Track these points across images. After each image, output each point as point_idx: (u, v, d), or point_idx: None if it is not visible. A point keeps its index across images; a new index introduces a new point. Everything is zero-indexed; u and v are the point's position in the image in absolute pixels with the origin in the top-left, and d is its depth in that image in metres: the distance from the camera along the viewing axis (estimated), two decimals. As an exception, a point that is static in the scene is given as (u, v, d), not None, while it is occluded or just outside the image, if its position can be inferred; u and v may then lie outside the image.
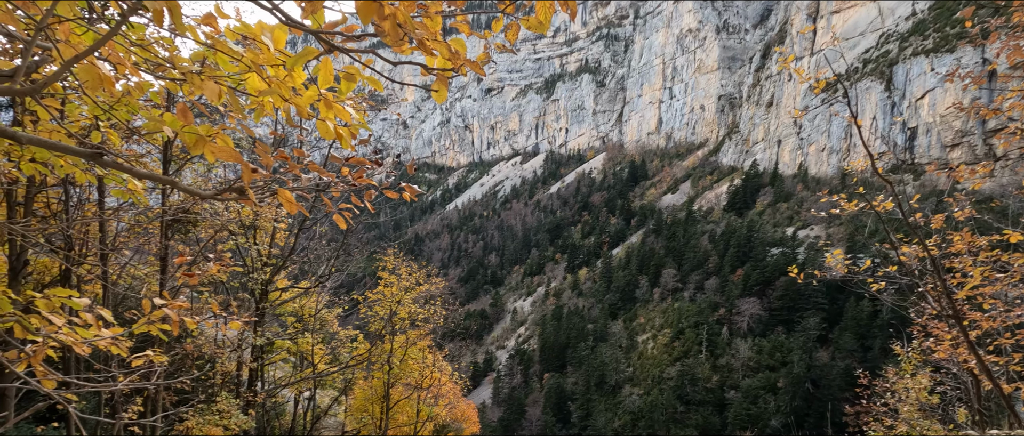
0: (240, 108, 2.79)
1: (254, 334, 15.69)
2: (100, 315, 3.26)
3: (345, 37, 2.16)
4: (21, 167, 3.50)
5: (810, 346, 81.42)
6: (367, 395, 22.72)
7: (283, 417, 24.67)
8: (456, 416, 27.05)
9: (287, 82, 2.29)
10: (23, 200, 11.42)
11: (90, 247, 12.11)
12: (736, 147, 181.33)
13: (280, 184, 3.04)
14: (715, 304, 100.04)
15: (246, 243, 15.26)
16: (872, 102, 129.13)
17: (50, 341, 3.25)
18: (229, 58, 2.36)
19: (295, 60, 2.18)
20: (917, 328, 11.17)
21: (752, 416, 76.35)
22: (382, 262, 21.31)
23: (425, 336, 22.84)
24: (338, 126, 2.50)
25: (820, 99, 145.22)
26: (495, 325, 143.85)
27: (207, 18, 2.32)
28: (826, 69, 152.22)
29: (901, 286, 7.94)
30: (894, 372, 11.93)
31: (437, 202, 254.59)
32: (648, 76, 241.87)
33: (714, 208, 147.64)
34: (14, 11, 2.35)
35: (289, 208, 2.70)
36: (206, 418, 13.01)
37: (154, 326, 3.73)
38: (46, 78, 1.92)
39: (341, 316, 24.72)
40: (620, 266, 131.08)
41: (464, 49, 2.19)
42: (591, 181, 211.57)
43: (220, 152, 2.33)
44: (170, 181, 2.54)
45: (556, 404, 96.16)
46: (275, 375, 22.82)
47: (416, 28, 2.02)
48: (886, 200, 7.12)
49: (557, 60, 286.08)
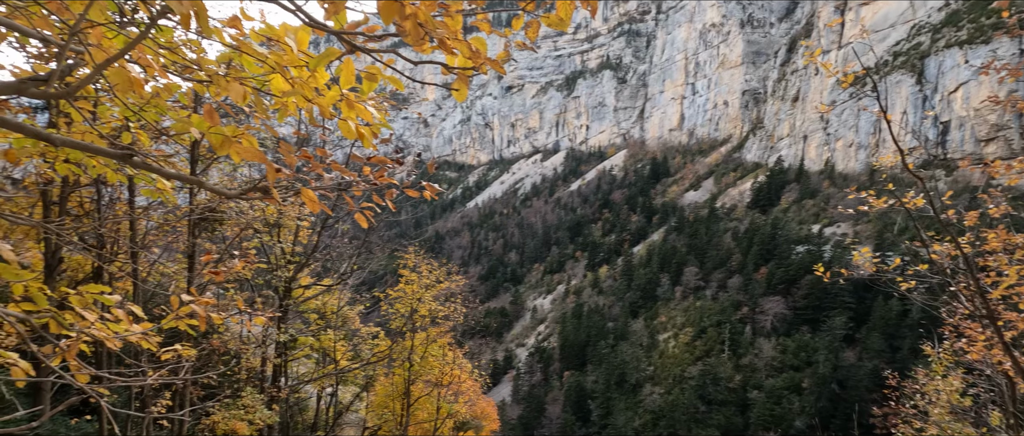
0: (264, 109, 2.83)
1: (278, 330, 15.96)
2: (131, 311, 3.35)
3: (367, 37, 2.18)
4: (56, 168, 3.61)
5: (836, 346, 79.82)
6: (388, 392, 22.95)
7: (306, 412, 25.07)
8: (476, 413, 27.17)
9: (310, 83, 2.32)
10: (58, 200, 11.79)
11: (121, 245, 12.45)
12: (760, 143, 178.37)
13: (303, 183, 3.09)
14: (738, 303, 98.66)
15: (270, 241, 15.53)
16: (903, 96, 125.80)
17: (83, 336, 3.34)
18: (254, 60, 2.39)
19: (318, 61, 2.21)
20: (949, 328, 10.87)
21: (776, 417, 75.16)
22: (403, 260, 21.50)
23: (445, 334, 22.99)
24: (359, 126, 2.53)
25: (848, 93, 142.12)
26: (515, 323, 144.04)
27: (233, 21, 2.36)
28: (854, 63, 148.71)
29: (932, 285, 7.74)
30: (924, 373, 11.62)
31: (457, 200, 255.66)
32: (670, 72, 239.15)
33: (737, 205, 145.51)
34: (48, 16, 2.42)
35: (312, 207, 2.73)
36: (231, 413, 13.28)
37: (182, 322, 3.82)
38: (79, 81, 1.98)
39: (363, 313, 25.01)
40: (641, 264, 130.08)
41: (484, 48, 2.19)
42: (612, 178, 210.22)
43: (245, 152, 2.37)
44: (197, 181, 2.60)
45: (576, 402, 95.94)
46: (298, 371, 23.18)
47: (437, 27, 2.03)
48: (917, 197, 6.93)
49: (578, 57, 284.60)
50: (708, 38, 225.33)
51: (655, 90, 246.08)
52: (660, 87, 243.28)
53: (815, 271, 8.98)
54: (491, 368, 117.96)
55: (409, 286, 21.10)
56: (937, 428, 10.83)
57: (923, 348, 11.83)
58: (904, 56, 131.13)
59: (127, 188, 12.21)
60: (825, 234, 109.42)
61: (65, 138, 2.28)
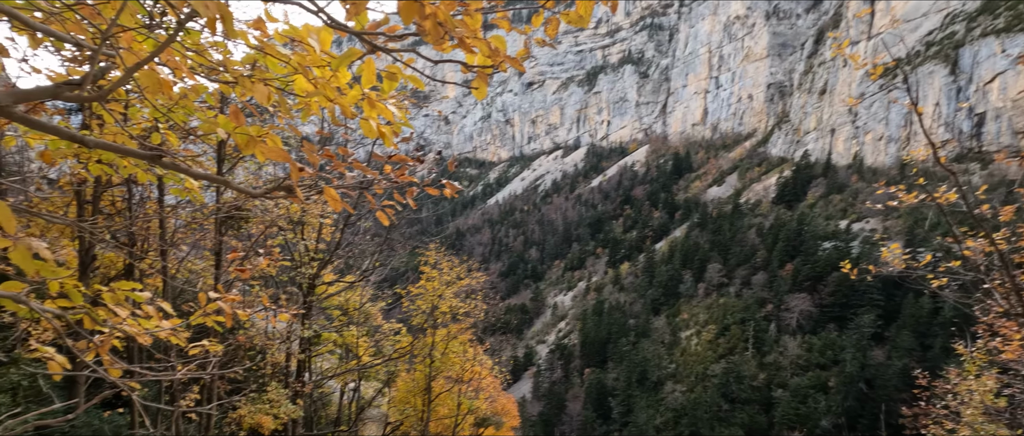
0: (288, 108, 2.88)
1: (302, 326, 16.23)
2: (160, 307, 3.44)
3: (387, 37, 2.20)
4: (89, 168, 3.72)
5: (864, 344, 78.09)
6: (409, 387, 23.17)
7: (329, 407, 25.45)
8: (496, 410, 27.28)
9: (332, 82, 2.35)
10: (90, 199, 12.15)
11: (151, 243, 12.78)
12: (786, 137, 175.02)
13: (326, 182, 3.13)
14: (762, 300, 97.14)
15: (294, 238, 15.78)
16: (935, 87, 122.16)
17: (116, 332, 3.45)
18: (278, 60, 2.43)
19: (340, 61, 2.24)
20: (982, 327, 10.56)
21: (801, 416, 73.90)
22: (424, 256, 21.65)
23: (466, 330, 23.10)
24: (381, 125, 2.55)
25: (878, 85, 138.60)
26: (535, 320, 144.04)
27: (257, 23, 2.40)
28: (884, 54, 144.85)
29: (965, 282, 7.52)
30: (956, 373, 11.30)
31: (478, 197, 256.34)
32: (693, 66, 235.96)
33: (762, 201, 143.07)
34: (81, 21, 2.49)
35: (334, 205, 2.77)
36: (257, 407, 13.55)
37: (210, 318, 3.92)
38: (111, 85, 2.04)
39: (384, 310, 25.27)
40: (663, 260, 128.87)
41: (504, 46, 2.19)
42: (633, 174, 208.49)
43: (270, 152, 2.41)
44: (224, 181, 2.65)
45: (596, 400, 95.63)
46: (321, 366, 23.54)
47: (457, 26, 2.03)
48: (949, 191, 6.74)
49: (599, 52, 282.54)
50: (732, 31, 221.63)
51: (678, 84, 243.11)
52: (683, 81, 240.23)
53: (842, 268, 8.81)
54: (512, 365, 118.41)
55: (430, 283, 21.24)
56: (970, 429, 10.53)
57: (955, 347, 11.49)
58: (937, 46, 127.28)
59: (157, 187, 12.52)
60: (853, 230, 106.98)
61: (98, 140, 2.35)
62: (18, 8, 2.30)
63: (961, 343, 11.23)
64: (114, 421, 12.17)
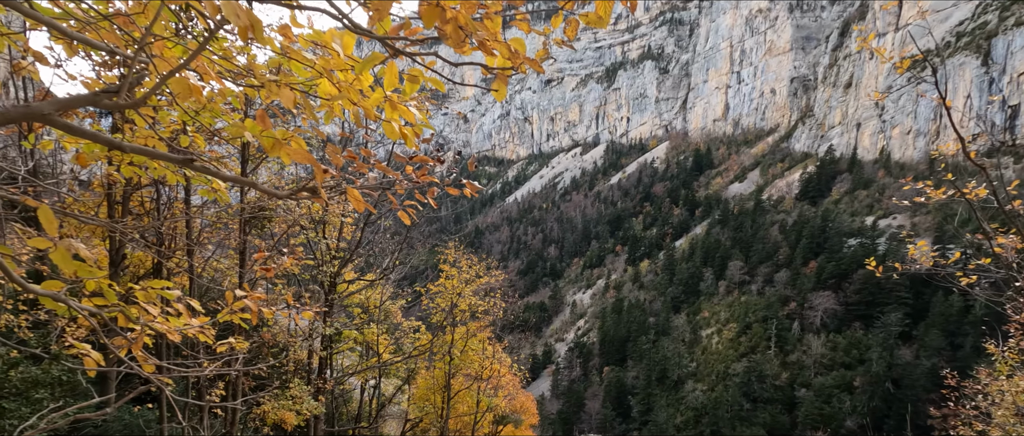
0: (312, 111, 2.95)
1: (324, 324, 16.46)
2: (189, 305, 3.54)
3: (408, 41, 2.24)
4: (121, 170, 3.84)
5: (891, 343, 76.36)
6: (429, 385, 23.35)
7: (350, 404, 25.79)
8: (515, 407, 27.34)
9: (355, 86, 2.39)
10: (120, 199, 12.49)
11: (178, 242, 13.09)
12: (810, 132, 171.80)
13: (348, 183, 3.19)
14: (785, 298, 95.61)
15: (316, 237, 16.00)
16: (966, 79, 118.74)
17: (147, 329, 3.56)
18: (302, 64, 2.49)
19: (363, 65, 2.28)
20: (1015, 325, 10.29)
21: (825, 416, 72.60)
22: (444, 255, 21.79)
23: (485, 328, 23.19)
24: (402, 126, 2.59)
25: (906, 78, 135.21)
26: (554, 317, 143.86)
27: (283, 29, 2.46)
28: (912, 45, 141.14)
29: (996, 280, 7.33)
30: (987, 373, 11.01)
31: (497, 195, 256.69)
32: (714, 60, 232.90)
33: (785, 197, 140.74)
34: (115, 30, 2.58)
35: (357, 206, 2.83)
36: (281, 403, 13.79)
37: (235, 315, 4.01)
38: (146, 92, 2.11)
39: (404, 307, 25.49)
40: (683, 258, 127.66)
41: (523, 48, 2.22)
42: (653, 171, 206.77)
43: (295, 154, 2.47)
44: (250, 183, 2.73)
45: (616, 398, 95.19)
46: (343, 364, 23.85)
47: (477, 29, 2.06)
48: (979, 187, 6.57)
49: (618, 48, 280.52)
50: (755, 24, 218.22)
51: (698, 79, 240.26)
52: (704, 76, 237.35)
53: (867, 265, 8.64)
54: (531, 363, 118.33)
55: (449, 281, 21.37)
56: (1001, 431, 10.25)
57: (986, 346, 11.20)
58: (968, 37, 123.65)
59: (184, 188, 12.80)
60: (879, 226, 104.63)
61: (134, 145, 2.43)
62: (56, 18, 2.39)
63: (992, 342, 10.94)
64: (144, 415, 12.51)
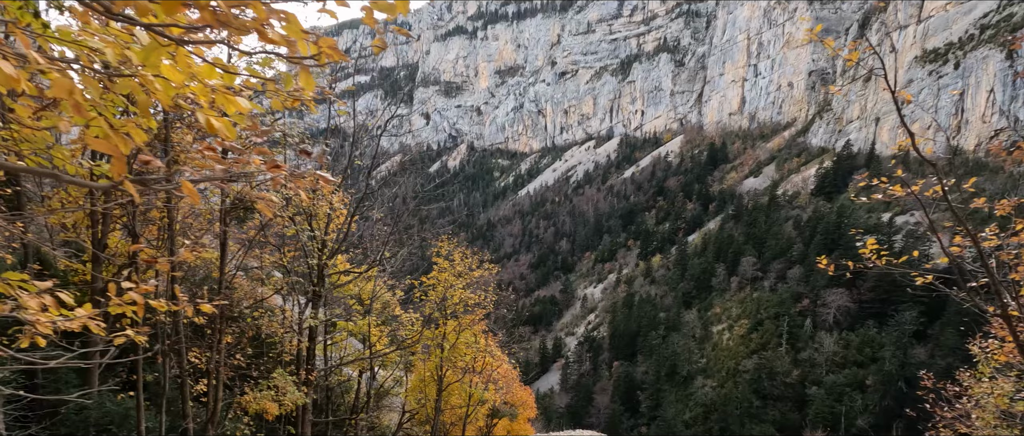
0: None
1: (310, 315, 16.56)
2: (59, 297, 3.52)
3: (184, 29, 2.15)
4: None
5: (905, 342, 75.05)
6: (422, 376, 23.44)
7: (349, 394, 26.00)
8: (512, 400, 27.35)
9: (148, 73, 2.32)
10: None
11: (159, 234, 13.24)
12: (827, 126, 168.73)
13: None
14: (798, 294, 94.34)
15: (295, 231, 16.07)
16: (989, 73, 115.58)
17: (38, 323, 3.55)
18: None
19: (145, 54, 2.20)
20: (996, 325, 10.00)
21: (836, 414, 71.72)
22: (437, 247, 21.78)
23: (479, 321, 23.16)
24: (217, 116, 2.51)
25: (927, 72, 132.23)
26: (565, 311, 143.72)
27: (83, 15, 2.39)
28: (935, 38, 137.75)
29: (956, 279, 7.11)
30: (969, 374, 10.70)
31: (509, 188, 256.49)
32: (731, 53, 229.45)
33: (800, 192, 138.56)
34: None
35: (193, 198, 2.76)
36: (262, 393, 13.92)
37: (124, 307, 3.99)
38: None
39: (402, 300, 25.55)
40: (696, 253, 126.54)
41: (296, 30, 2.11)
42: (667, 165, 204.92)
43: (96, 143, 2.40)
44: (50, 174, 2.67)
45: (625, 393, 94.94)
46: (339, 354, 24.01)
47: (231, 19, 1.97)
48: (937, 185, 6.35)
49: (634, 40, 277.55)
50: (773, 16, 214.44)
51: (714, 73, 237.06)
52: (720, 69, 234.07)
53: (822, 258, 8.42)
54: (540, 356, 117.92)
55: (442, 274, 21.36)
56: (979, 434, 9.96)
57: (969, 347, 10.88)
58: (992, 29, 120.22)
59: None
60: (896, 223, 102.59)
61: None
62: None
63: (974, 343, 10.63)
64: (126, 405, 12.70)
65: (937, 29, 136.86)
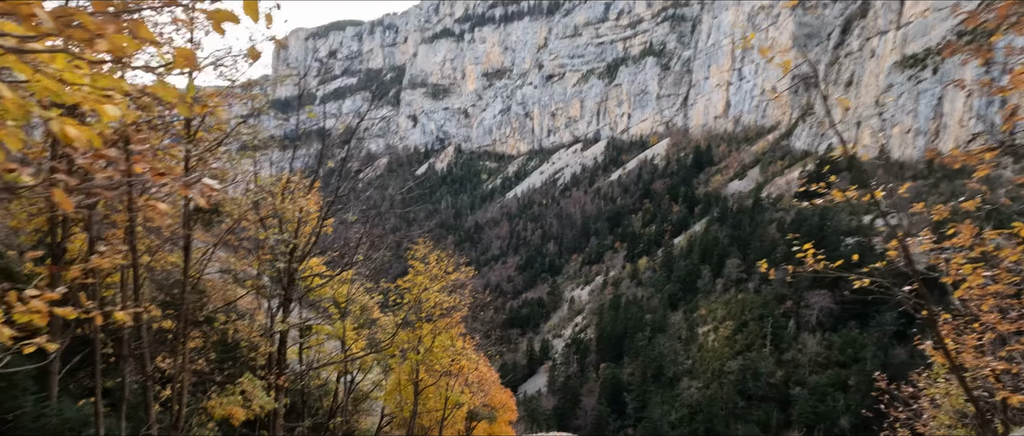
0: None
1: (280, 319, 16.44)
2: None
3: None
4: None
5: (886, 343, 76.11)
6: (399, 379, 23.34)
7: (328, 397, 25.80)
8: (491, 403, 27.31)
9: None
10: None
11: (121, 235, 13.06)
12: (810, 130, 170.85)
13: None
14: (782, 296, 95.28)
15: (265, 235, 15.95)
16: (967, 78, 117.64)
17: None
18: None
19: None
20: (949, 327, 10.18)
21: (819, 414, 72.49)
22: (413, 250, 21.73)
23: (456, 324, 23.12)
24: (74, 127, 2.50)
25: (906, 77, 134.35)
26: (552, 313, 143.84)
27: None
28: (913, 43, 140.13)
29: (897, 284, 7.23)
30: (924, 377, 10.88)
31: (497, 190, 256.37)
32: (716, 57, 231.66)
33: (784, 195, 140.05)
34: None
35: (65, 205, 2.77)
36: (228, 399, 13.77)
37: (28, 315, 3.94)
38: None
39: (380, 303, 25.42)
40: (682, 255, 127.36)
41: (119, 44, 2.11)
42: (653, 168, 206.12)
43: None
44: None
45: (611, 394, 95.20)
46: (316, 358, 23.83)
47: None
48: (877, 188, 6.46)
49: (620, 44, 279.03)
50: (756, 21, 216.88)
51: (700, 76, 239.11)
52: (705, 73, 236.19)
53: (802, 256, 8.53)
54: (527, 358, 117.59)
55: (418, 277, 21.31)
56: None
57: (924, 347, 11.05)
58: (969, 35, 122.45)
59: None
60: (877, 225, 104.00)
61: None
62: None
63: (928, 343, 10.80)
64: (83, 411, 12.51)
65: (916, 35, 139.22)
